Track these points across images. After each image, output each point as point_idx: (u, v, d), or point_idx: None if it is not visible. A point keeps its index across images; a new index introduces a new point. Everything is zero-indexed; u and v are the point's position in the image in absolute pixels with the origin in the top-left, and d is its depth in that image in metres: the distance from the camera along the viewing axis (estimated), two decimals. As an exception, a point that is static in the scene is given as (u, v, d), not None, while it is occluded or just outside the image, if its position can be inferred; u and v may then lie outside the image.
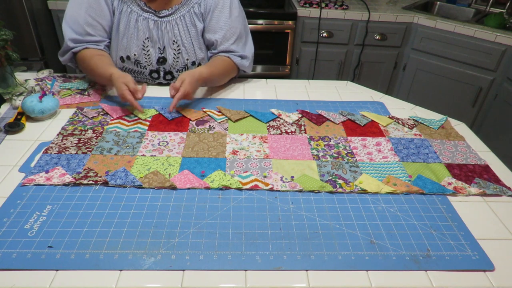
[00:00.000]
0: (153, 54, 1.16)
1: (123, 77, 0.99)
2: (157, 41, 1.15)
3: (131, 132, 0.96)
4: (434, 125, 1.05)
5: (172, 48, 1.16)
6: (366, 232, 0.69)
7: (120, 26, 1.13)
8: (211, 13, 1.15)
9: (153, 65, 1.18)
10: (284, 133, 0.98)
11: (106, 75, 1.03)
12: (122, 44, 1.14)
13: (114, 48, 1.16)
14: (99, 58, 1.09)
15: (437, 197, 0.79)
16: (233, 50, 1.19)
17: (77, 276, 0.59)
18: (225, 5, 1.15)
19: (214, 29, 1.16)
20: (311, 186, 0.79)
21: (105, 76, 1.04)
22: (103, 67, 1.06)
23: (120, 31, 1.13)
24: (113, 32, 1.15)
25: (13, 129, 0.93)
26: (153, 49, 1.16)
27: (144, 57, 1.16)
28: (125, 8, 1.12)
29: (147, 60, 1.16)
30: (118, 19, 1.13)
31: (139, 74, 1.20)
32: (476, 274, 0.63)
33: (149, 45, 1.15)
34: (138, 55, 1.15)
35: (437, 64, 2.17)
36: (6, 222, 0.68)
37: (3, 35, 1.02)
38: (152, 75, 1.19)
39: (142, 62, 1.16)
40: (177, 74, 1.20)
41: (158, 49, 1.15)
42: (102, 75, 1.05)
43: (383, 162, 0.89)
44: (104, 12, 1.11)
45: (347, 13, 2.18)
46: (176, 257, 0.63)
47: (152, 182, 0.78)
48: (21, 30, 2.00)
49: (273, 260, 0.63)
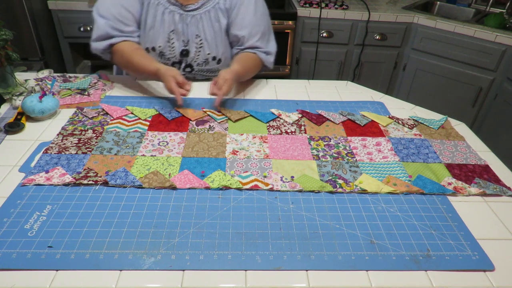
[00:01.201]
0: (177, 46, 1.19)
1: (171, 70, 1.03)
2: (182, 34, 1.17)
3: (131, 132, 0.96)
4: (434, 125, 1.05)
5: (194, 42, 1.18)
6: (366, 232, 0.69)
7: (148, 18, 1.15)
8: (237, 9, 1.18)
9: (177, 57, 1.20)
10: (284, 133, 0.98)
11: (151, 69, 1.06)
12: (148, 35, 1.17)
13: (141, 39, 1.18)
14: (139, 53, 1.12)
15: (437, 197, 0.79)
16: (258, 46, 1.21)
17: (77, 276, 0.59)
18: (251, 1, 1.18)
19: (240, 25, 1.18)
20: (311, 186, 0.79)
21: (150, 71, 1.07)
22: (147, 62, 1.09)
23: (148, 23, 1.16)
24: (141, 23, 1.17)
25: (13, 129, 0.93)
26: (178, 42, 1.18)
27: (168, 49, 1.18)
28: (153, 0, 1.14)
29: (171, 52, 1.19)
30: (146, 11, 1.15)
31: None
32: (476, 274, 0.63)
33: (174, 37, 1.17)
34: (163, 47, 1.18)
35: (437, 64, 2.17)
36: (6, 222, 0.68)
37: (3, 35, 1.02)
38: (175, 65, 1.22)
39: (166, 54, 1.19)
40: (197, 67, 1.23)
41: (182, 42, 1.18)
42: (147, 69, 1.08)
43: (383, 162, 0.89)
44: (135, 3, 1.14)
45: (347, 13, 2.18)
46: (176, 257, 0.63)
47: (152, 182, 0.78)
48: (21, 30, 2.00)
49: (273, 260, 0.63)
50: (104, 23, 1.12)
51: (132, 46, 1.14)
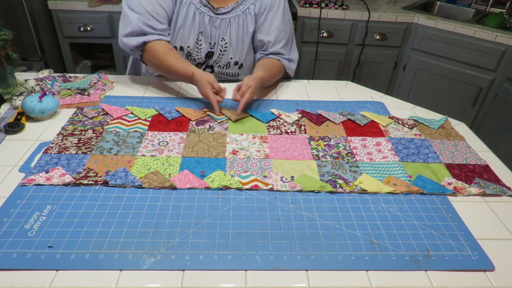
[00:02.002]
0: (204, 48, 1.19)
1: (207, 75, 1.03)
2: (209, 37, 1.18)
3: (131, 132, 0.96)
4: (434, 125, 1.05)
5: (220, 44, 1.19)
6: (366, 232, 0.69)
7: (179, 16, 1.15)
8: (265, 15, 1.18)
9: (202, 59, 1.21)
10: (284, 133, 0.98)
11: (187, 73, 1.07)
12: (178, 34, 1.17)
13: (173, 35, 1.17)
14: (174, 54, 1.11)
15: (437, 197, 0.79)
16: (282, 53, 1.22)
17: (77, 276, 0.59)
18: (280, 8, 1.19)
19: (267, 31, 1.19)
20: (311, 186, 0.79)
21: (186, 74, 1.07)
22: (182, 65, 1.09)
23: (179, 22, 1.15)
24: (172, 21, 1.16)
25: (13, 129, 0.93)
26: (205, 44, 1.19)
27: (196, 50, 1.19)
28: (185, 0, 1.14)
29: (198, 53, 1.19)
30: (178, 9, 1.15)
31: None
32: (476, 274, 0.63)
33: (202, 39, 1.18)
34: (191, 48, 1.18)
35: (437, 64, 2.17)
36: (6, 222, 0.68)
37: (3, 35, 1.02)
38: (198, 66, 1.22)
39: (193, 54, 1.20)
40: (217, 69, 1.24)
41: (209, 44, 1.19)
42: (181, 72, 1.08)
43: (383, 162, 0.89)
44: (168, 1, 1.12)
45: (347, 13, 2.18)
46: (176, 257, 0.63)
47: (152, 182, 0.78)
48: (21, 30, 2.00)
49: (273, 260, 0.63)
50: (137, 18, 1.08)
51: (165, 46, 1.12)
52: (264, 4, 1.18)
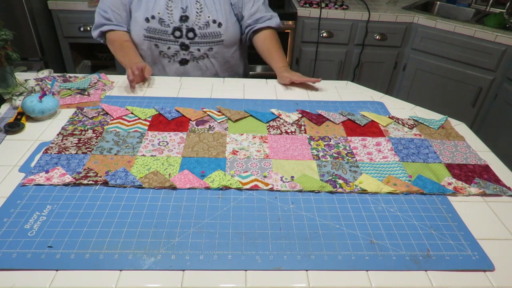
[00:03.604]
0: (175, 13, 1.23)
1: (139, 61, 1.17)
2: (180, 1, 1.23)
3: (131, 132, 0.96)
4: (434, 125, 1.05)
5: (195, 7, 1.24)
6: (366, 232, 0.69)
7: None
8: None
9: (176, 23, 1.25)
10: (284, 133, 0.98)
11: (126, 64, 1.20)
12: (148, 5, 1.23)
13: (142, 11, 1.24)
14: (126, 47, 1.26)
15: (437, 197, 0.79)
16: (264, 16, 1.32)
17: (77, 276, 0.59)
18: None
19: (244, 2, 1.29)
20: (311, 186, 0.79)
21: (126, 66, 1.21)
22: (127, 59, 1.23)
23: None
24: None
25: (13, 129, 0.93)
26: (176, 9, 1.24)
27: (167, 15, 1.23)
28: None
29: (170, 18, 1.24)
30: None
31: (163, 34, 1.27)
32: (476, 274, 0.63)
33: (172, 5, 1.23)
34: (162, 13, 1.23)
35: (437, 64, 2.17)
36: (6, 222, 0.68)
37: (3, 35, 1.02)
38: (175, 34, 1.26)
39: (165, 20, 1.24)
40: (199, 31, 1.27)
41: (181, 9, 1.23)
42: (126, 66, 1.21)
43: (383, 162, 0.89)
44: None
45: (347, 13, 2.18)
46: (176, 257, 0.63)
47: (152, 182, 0.78)
48: (21, 30, 2.00)
49: (273, 260, 0.63)
50: (97, 12, 1.27)
51: (122, 37, 1.27)
52: None
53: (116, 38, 1.28)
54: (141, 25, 1.25)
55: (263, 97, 1.18)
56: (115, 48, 1.28)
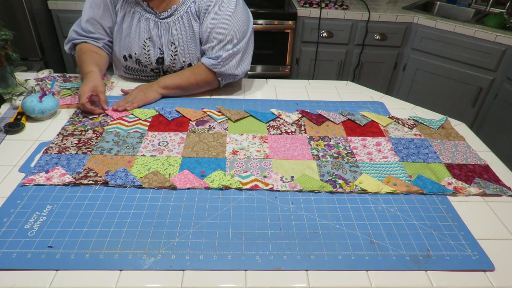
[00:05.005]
0: (152, 54, 1.17)
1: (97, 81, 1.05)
2: (157, 42, 1.15)
3: (131, 132, 0.96)
4: (434, 125, 1.05)
5: (170, 49, 1.16)
6: (366, 232, 0.69)
7: (124, 25, 1.16)
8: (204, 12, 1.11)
9: (153, 65, 1.19)
10: (284, 133, 0.98)
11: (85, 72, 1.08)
12: (125, 43, 1.17)
13: (118, 46, 1.18)
14: (90, 55, 1.14)
15: (437, 197, 0.79)
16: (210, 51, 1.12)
17: (77, 276, 0.59)
18: (217, 4, 1.09)
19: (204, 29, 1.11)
20: (311, 186, 0.79)
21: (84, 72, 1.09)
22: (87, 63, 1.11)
23: (123, 30, 1.16)
24: (117, 31, 1.17)
25: (13, 129, 0.93)
26: (153, 50, 1.17)
27: (144, 56, 1.17)
28: (129, 9, 1.14)
29: (147, 59, 1.18)
30: (121, 19, 1.15)
31: (141, 72, 1.22)
32: (476, 274, 0.63)
33: (150, 45, 1.16)
34: (138, 54, 1.17)
35: (437, 64, 2.17)
36: (6, 222, 0.68)
37: (3, 35, 1.02)
38: (154, 71, 1.22)
39: (142, 60, 1.18)
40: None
41: (158, 49, 1.16)
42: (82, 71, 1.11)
43: (383, 162, 0.89)
44: (106, 14, 1.15)
45: (347, 13, 2.18)
46: (176, 257, 0.63)
47: (152, 182, 0.78)
48: (21, 30, 2.00)
49: (273, 260, 0.63)
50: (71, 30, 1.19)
51: (89, 47, 1.16)
52: (202, 1, 1.11)
53: (83, 47, 1.17)
54: (120, 61, 1.19)
55: (263, 97, 1.18)
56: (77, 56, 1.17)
